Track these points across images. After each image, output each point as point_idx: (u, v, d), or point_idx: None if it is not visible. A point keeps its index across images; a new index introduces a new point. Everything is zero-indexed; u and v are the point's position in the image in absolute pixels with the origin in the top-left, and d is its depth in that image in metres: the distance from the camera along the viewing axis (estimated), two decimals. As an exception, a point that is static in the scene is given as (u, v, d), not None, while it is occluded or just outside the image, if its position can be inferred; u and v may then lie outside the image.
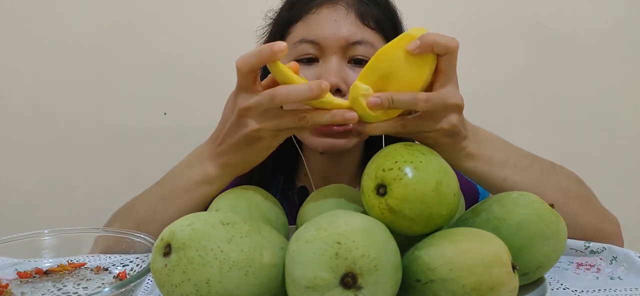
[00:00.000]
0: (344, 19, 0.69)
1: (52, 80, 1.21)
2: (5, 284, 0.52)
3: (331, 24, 0.69)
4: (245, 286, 0.39)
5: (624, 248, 0.61)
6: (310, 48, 0.69)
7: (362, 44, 0.68)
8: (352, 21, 0.69)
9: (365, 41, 0.69)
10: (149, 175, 0.72)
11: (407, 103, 0.50)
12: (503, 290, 0.40)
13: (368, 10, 0.70)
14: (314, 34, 0.69)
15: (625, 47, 1.24)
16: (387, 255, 0.39)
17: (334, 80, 0.66)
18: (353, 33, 0.68)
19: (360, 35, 0.69)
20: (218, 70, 1.21)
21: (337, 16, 0.69)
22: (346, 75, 0.68)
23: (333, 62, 0.68)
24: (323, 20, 0.70)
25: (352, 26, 0.69)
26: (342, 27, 0.68)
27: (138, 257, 0.56)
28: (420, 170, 0.44)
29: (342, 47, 0.68)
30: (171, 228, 0.41)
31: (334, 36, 0.68)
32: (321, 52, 0.69)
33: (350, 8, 0.70)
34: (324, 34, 0.69)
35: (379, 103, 0.49)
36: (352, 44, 0.68)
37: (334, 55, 0.68)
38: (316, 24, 0.70)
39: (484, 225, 0.48)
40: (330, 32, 0.68)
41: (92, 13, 1.19)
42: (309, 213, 0.55)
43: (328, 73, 0.67)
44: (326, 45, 0.68)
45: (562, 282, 0.55)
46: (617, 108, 1.26)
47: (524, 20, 1.22)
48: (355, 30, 0.69)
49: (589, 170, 1.26)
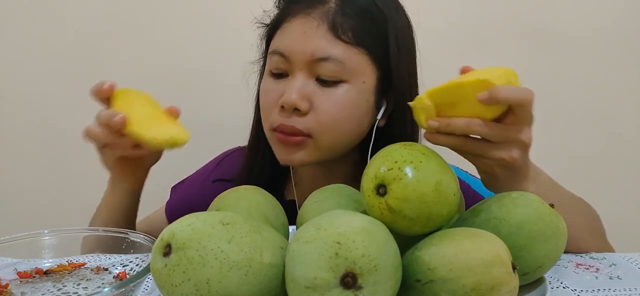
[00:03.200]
0: (314, 32, 0.63)
1: (52, 81, 1.21)
2: (5, 284, 0.52)
3: (300, 36, 0.64)
4: (245, 286, 0.39)
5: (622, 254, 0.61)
6: (280, 61, 0.66)
7: (329, 61, 0.63)
8: (322, 34, 0.63)
9: (333, 58, 0.63)
10: (148, 175, 0.72)
11: (462, 128, 0.50)
12: (503, 290, 0.40)
13: (345, 21, 0.64)
14: (284, 45, 0.65)
15: (625, 47, 1.24)
16: (387, 255, 0.39)
17: (294, 98, 0.63)
18: (320, 48, 0.63)
19: (328, 51, 0.63)
20: (218, 70, 1.21)
21: (308, 28, 0.64)
22: (311, 93, 0.64)
23: (298, 78, 0.64)
24: (294, 31, 0.65)
25: (321, 40, 0.63)
26: (309, 41, 0.63)
27: (138, 257, 0.56)
28: (420, 170, 0.44)
29: (308, 62, 0.64)
30: (171, 228, 0.41)
31: (301, 50, 0.64)
32: (290, 65, 0.65)
33: (323, 19, 0.64)
34: (291, 47, 0.65)
35: (437, 126, 0.51)
36: (318, 60, 0.63)
37: (300, 71, 0.64)
38: (288, 35, 0.66)
39: (483, 225, 0.48)
40: (298, 45, 0.64)
41: (92, 13, 1.19)
42: (309, 213, 0.55)
43: (289, 90, 0.64)
44: (293, 59, 0.64)
45: (562, 281, 0.55)
46: (617, 108, 1.26)
47: (524, 21, 1.22)
48: (324, 45, 0.63)
49: (589, 170, 1.27)
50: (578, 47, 1.23)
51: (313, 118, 0.64)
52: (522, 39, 1.23)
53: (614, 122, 1.26)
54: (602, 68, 1.24)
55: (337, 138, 0.66)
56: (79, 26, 1.19)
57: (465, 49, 1.22)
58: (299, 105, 0.63)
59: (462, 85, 0.51)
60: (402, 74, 0.67)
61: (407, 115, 0.67)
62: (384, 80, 0.67)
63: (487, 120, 0.51)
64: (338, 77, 0.64)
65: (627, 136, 1.27)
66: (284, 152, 0.67)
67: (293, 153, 0.66)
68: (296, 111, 0.64)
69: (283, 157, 0.67)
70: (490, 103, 0.49)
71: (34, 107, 1.22)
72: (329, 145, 0.66)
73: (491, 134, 0.51)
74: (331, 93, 0.64)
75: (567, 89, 1.24)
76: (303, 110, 0.64)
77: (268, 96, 0.67)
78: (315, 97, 0.64)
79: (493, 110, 0.50)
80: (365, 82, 0.65)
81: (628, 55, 1.24)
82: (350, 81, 0.64)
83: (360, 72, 0.65)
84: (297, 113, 0.64)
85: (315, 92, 0.64)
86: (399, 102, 0.68)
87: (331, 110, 0.64)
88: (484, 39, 1.22)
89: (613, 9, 1.23)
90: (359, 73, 0.65)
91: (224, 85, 1.20)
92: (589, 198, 0.68)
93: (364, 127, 0.68)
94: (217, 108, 1.22)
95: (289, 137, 0.65)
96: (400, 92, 0.67)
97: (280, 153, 0.67)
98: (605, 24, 1.23)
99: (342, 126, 0.65)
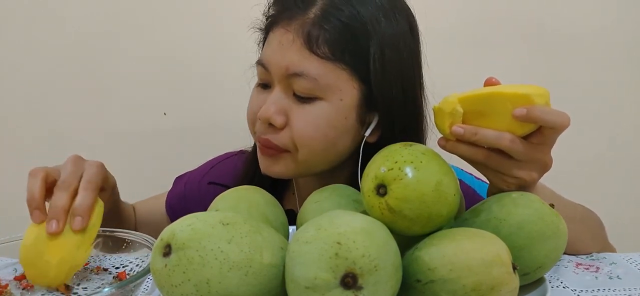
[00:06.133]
0: (289, 46, 0.61)
1: (52, 81, 1.21)
2: (5, 284, 0.52)
3: (277, 49, 0.62)
4: (245, 287, 0.39)
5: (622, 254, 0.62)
6: (262, 72, 0.64)
7: (302, 77, 0.60)
8: (296, 49, 0.60)
9: (305, 74, 0.60)
10: (149, 175, 0.72)
11: (491, 140, 0.49)
12: (503, 290, 0.40)
13: (321, 34, 0.60)
14: (265, 57, 0.64)
15: (625, 47, 1.24)
16: (387, 255, 0.39)
17: (268, 113, 0.61)
18: (293, 63, 0.60)
19: (301, 67, 0.60)
20: (218, 70, 1.21)
21: (284, 41, 0.61)
22: (288, 108, 0.62)
23: (275, 92, 0.62)
24: (274, 43, 0.63)
25: (294, 55, 0.60)
26: (285, 55, 0.61)
27: (138, 257, 0.56)
28: (420, 170, 0.44)
29: (284, 76, 0.61)
30: (171, 228, 0.41)
31: (277, 63, 0.62)
32: (271, 78, 0.63)
33: (299, 32, 0.61)
34: (270, 59, 0.63)
35: (461, 133, 0.49)
36: (292, 75, 0.61)
37: (279, 84, 0.62)
38: (270, 46, 0.64)
39: (484, 225, 0.48)
40: (274, 58, 0.62)
41: (92, 14, 1.19)
42: (309, 213, 0.55)
43: (267, 104, 0.62)
44: (271, 71, 0.63)
45: (562, 280, 0.55)
46: (617, 109, 1.26)
47: (524, 21, 1.22)
48: (297, 59, 0.60)
49: (589, 170, 1.27)
50: (578, 47, 1.23)
51: (288, 134, 0.62)
52: (522, 39, 1.23)
53: (614, 122, 1.26)
54: (602, 68, 1.24)
55: (313, 156, 0.63)
56: (79, 26, 1.19)
57: (465, 49, 1.21)
58: (273, 120, 0.62)
59: (500, 96, 0.49)
60: (388, 90, 0.62)
61: (397, 131, 0.64)
62: (371, 94, 0.63)
63: (518, 136, 0.49)
64: (312, 93, 0.61)
65: (627, 136, 1.27)
66: (264, 162, 0.66)
67: (272, 165, 0.65)
68: (272, 125, 0.63)
69: (263, 168, 0.67)
70: (527, 120, 0.47)
71: (34, 107, 1.22)
72: (305, 161, 0.64)
73: (519, 152, 0.49)
74: (306, 110, 0.62)
75: (567, 89, 1.24)
76: (278, 125, 0.62)
77: (252, 106, 0.67)
78: (291, 113, 0.62)
79: (524, 127, 0.49)
80: (342, 100, 0.62)
81: (628, 55, 1.24)
82: (325, 98, 0.61)
83: (337, 88, 0.61)
84: (272, 127, 0.63)
85: (291, 107, 0.62)
86: (386, 118, 0.64)
87: (305, 129, 0.61)
88: (484, 39, 1.22)
89: (613, 9, 1.23)
90: (336, 89, 0.61)
91: (224, 86, 1.20)
92: (588, 199, 0.68)
93: (346, 145, 0.65)
94: (218, 108, 1.22)
95: (265, 148, 0.64)
96: (386, 108, 0.63)
97: (261, 163, 0.67)
98: (605, 24, 1.23)
99: (317, 145, 0.62)
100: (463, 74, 1.02)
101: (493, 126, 0.49)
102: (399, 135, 0.63)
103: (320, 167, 0.66)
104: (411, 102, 0.65)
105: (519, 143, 0.49)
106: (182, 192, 0.84)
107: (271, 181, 0.75)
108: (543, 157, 0.51)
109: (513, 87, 0.50)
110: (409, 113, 0.65)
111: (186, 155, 0.98)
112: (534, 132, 0.50)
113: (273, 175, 0.66)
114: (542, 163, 0.52)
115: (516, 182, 0.52)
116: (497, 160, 0.51)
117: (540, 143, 0.50)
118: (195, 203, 0.80)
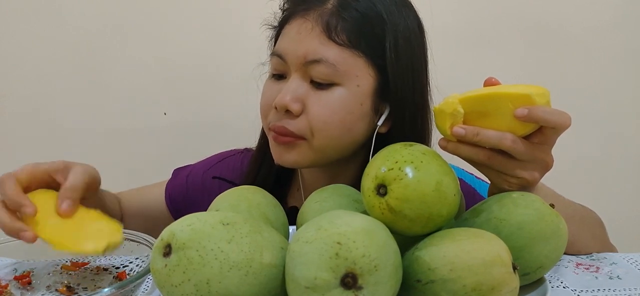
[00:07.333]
0: (308, 33, 0.63)
1: (52, 80, 1.21)
2: (5, 284, 0.52)
3: (295, 38, 0.64)
4: (245, 287, 0.39)
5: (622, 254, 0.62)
6: (278, 63, 0.66)
7: (321, 63, 0.62)
8: (315, 36, 0.63)
9: (324, 60, 0.62)
10: (149, 175, 0.72)
11: (493, 140, 0.49)
12: (504, 290, 0.40)
13: (339, 23, 0.63)
14: (281, 47, 0.66)
15: (625, 47, 1.24)
16: (387, 255, 0.39)
17: (285, 100, 0.63)
18: (312, 50, 0.63)
19: (320, 54, 0.62)
20: (218, 70, 1.21)
21: (303, 30, 0.64)
22: (305, 95, 0.64)
23: (292, 81, 0.64)
24: (291, 33, 0.66)
25: (313, 42, 0.63)
26: (302, 43, 0.63)
27: (138, 257, 0.56)
28: (420, 170, 0.44)
29: (302, 64, 0.63)
30: (171, 229, 0.41)
31: (294, 52, 0.64)
32: (287, 67, 0.65)
33: (318, 21, 0.64)
34: (287, 48, 0.65)
35: (463, 134, 0.49)
36: (311, 62, 0.63)
37: (296, 73, 0.64)
38: (286, 37, 0.66)
39: (484, 225, 0.48)
40: (292, 47, 0.64)
41: (92, 13, 1.19)
42: (309, 213, 0.55)
43: (283, 91, 0.64)
44: (288, 61, 0.65)
45: (562, 280, 0.55)
46: (617, 108, 1.26)
47: (524, 20, 1.22)
48: (316, 47, 0.63)
49: (589, 170, 1.27)
50: (578, 47, 1.23)
51: (304, 121, 0.64)
52: (522, 38, 1.23)
53: (614, 122, 1.26)
54: (602, 68, 1.24)
55: (330, 142, 0.65)
56: (81, 24, 1.19)
57: (465, 48, 1.21)
58: (290, 107, 0.63)
59: (501, 96, 0.49)
60: (401, 79, 0.65)
61: (407, 122, 0.66)
62: (384, 84, 0.66)
63: (519, 136, 0.49)
64: (330, 79, 0.63)
65: (627, 135, 1.27)
66: (277, 152, 0.67)
67: (286, 153, 0.66)
68: (288, 113, 0.64)
69: (277, 157, 0.67)
70: (528, 120, 0.48)
71: (35, 105, 1.22)
72: (322, 148, 0.65)
73: (520, 152, 0.49)
74: (323, 96, 0.64)
75: (567, 89, 1.24)
76: (295, 112, 0.63)
77: (266, 97, 0.68)
78: (308, 99, 0.64)
79: (525, 128, 0.49)
80: (359, 86, 0.64)
81: (628, 55, 1.24)
82: (343, 84, 0.64)
83: (354, 75, 0.64)
84: (289, 115, 0.64)
85: (308, 94, 0.64)
86: (398, 108, 0.66)
87: (322, 114, 0.63)
88: (484, 38, 1.22)
89: (613, 9, 1.23)
90: (353, 76, 0.64)
91: (224, 85, 1.20)
92: (587, 198, 0.68)
93: (361, 132, 0.67)
94: (218, 108, 1.22)
95: (280, 136, 0.65)
96: (398, 98, 0.65)
97: (274, 153, 0.68)
98: (606, 23, 1.23)
99: (333, 130, 0.64)
100: (462, 73, 1.02)
101: (494, 126, 0.49)
102: (408, 125, 0.66)
103: (335, 155, 0.67)
104: (420, 95, 0.68)
105: (521, 144, 0.49)
106: (184, 183, 0.84)
107: (275, 177, 0.75)
108: (544, 156, 0.51)
109: (513, 87, 0.50)
110: (417, 106, 0.67)
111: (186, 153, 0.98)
112: (534, 132, 0.50)
113: (287, 164, 0.67)
114: (544, 163, 0.52)
115: (518, 182, 0.52)
116: (498, 161, 0.51)
117: (542, 143, 0.50)
118: (198, 195, 0.81)
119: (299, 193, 0.79)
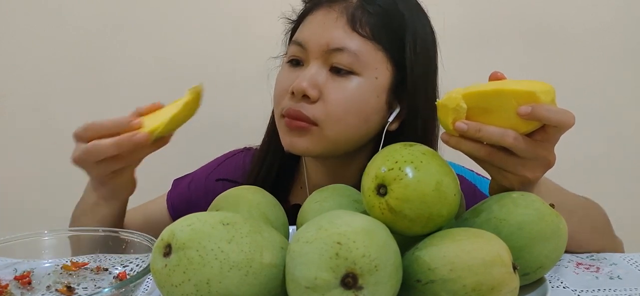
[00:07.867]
0: (332, 24, 0.66)
1: (52, 81, 1.21)
2: (5, 284, 0.52)
3: (318, 27, 0.67)
4: (245, 287, 0.39)
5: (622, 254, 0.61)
6: (297, 50, 0.68)
7: (344, 51, 0.65)
8: (340, 26, 0.66)
9: (347, 49, 0.65)
10: (148, 174, 0.72)
11: (495, 137, 0.49)
12: (504, 290, 0.40)
13: (364, 16, 0.66)
14: (303, 36, 0.68)
15: (624, 48, 1.24)
16: (387, 255, 0.39)
17: (304, 85, 0.64)
18: (335, 39, 0.65)
19: (343, 43, 0.65)
20: (218, 70, 1.21)
21: (327, 20, 0.67)
22: (323, 82, 0.65)
23: (312, 67, 0.66)
24: (314, 22, 0.68)
25: (337, 31, 0.66)
26: (326, 32, 0.66)
27: (138, 257, 0.56)
28: (420, 170, 0.44)
29: (323, 52, 0.66)
30: (171, 228, 0.41)
31: (317, 40, 0.66)
32: (306, 55, 0.67)
33: (343, 12, 0.67)
34: (309, 36, 0.67)
35: (465, 130, 0.49)
36: (333, 50, 0.65)
37: (315, 60, 0.66)
38: (308, 26, 0.69)
39: (484, 225, 0.48)
40: (315, 35, 0.67)
41: (92, 13, 1.19)
42: (309, 213, 0.55)
43: (301, 77, 0.65)
44: (309, 48, 0.67)
45: (562, 280, 0.55)
46: (617, 109, 1.26)
47: (525, 21, 1.22)
48: (340, 36, 0.65)
49: (588, 170, 1.27)
50: (578, 47, 1.23)
51: (321, 107, 0.65)
52: (521, 38, 1.23)
53: (614, 122, 1.26)
54: (602, 68, 1.24)
55: (343, 130, 0.66)
56: (81, 24, 1.19)
57: (464, 48, 1.21)
58: (308, 91, 0.64)
59: (504, 93, 0.48)
60: (417, 78, 0.67)
61: (419, 122, 0.67)
62: (399, 82, 0.68)
63: (521, 134, 0.49)
64: (351, 68, 0.65)
65: (627, 135, 1.27)
66: (288, 138, 0.67)
67: (297, 139, 0.66)
68: (305, 98, 0.65)
69: (287, 144, 0.68)
70: (531, 119, 0.47)
71: (35, 106, 1.22)
72: (334, 136, 0.66)
73: (522, 150, 0.49)
74: (342, 84, 0.65)
75: (567, 89, 1.24)
76: (312, 98, 0.64)
77: (281, 83, 0.69)
78: (326, 86, 0.65)
79: (528, 125, 0.48)
80: (377, 78, 0.66)
81: (628, 55, 1.24)
82: (362, 74, 0.65)
83: (373, 67, 0.66)
84: (306, 99, 0.65)
85: (326, 81, 0.65)
86: (412, 107, 0.68)
87: (339, 101, 0.65)
88: (483, 38, 1.22)
89: (613, 9, 1.23)
90: (373, 68, 0.66)
91: (229, 84, 1.19)
92: (586, 198, 0.68)
93: (373, 125, 0.68)
94: (217, 108, 1.22)
95: (294, 121, 0.66)
96: (414, 96, 0.67)
97: (285, 139, 0.68)
98: (606, 23, 1.23)
99: (349, 118, 0.65)
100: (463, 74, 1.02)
101: (497, 123, 0.49)
102: (420, 124, 0.68)
103: (345, 146, 0.68)
104: (432, 96, 0.70)
105: (523, 141, 0.49)
106: (186, 193, 0.84)
107: (278, 174, 0.75)
108: (546, 154, 0.51)
109: (518, 83, 0.50)
110: (429, 105, 0.68)
111: (186, 153, 0.98)
112: (537, 130, 0.50)
113: (298, 151, 0.68)
114: (546, 161, 0.52)
115: (519, 179, 0.52)
116: (500, 157, 0.51)
117: (544, 141, 0.50)
118: (202, 201, 0.80)
119: (302, 191, 0.79)
